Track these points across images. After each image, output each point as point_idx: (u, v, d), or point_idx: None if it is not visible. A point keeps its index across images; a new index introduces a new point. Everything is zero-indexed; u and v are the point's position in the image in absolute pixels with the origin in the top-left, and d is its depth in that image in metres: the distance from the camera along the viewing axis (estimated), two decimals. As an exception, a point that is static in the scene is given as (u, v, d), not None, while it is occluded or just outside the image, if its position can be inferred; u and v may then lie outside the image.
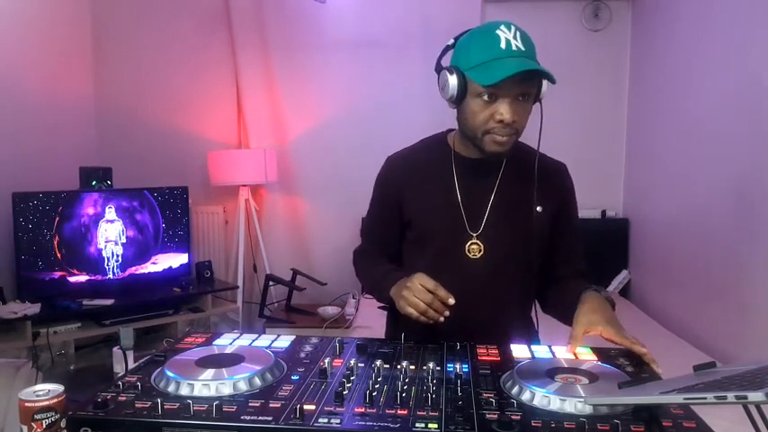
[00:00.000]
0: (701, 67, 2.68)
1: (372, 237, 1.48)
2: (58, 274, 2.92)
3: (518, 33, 1.15)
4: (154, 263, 3.25)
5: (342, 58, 3.61)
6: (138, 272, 3.20)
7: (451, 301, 1.14)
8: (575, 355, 1.08)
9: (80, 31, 3.30)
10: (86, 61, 3.34)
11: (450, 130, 1.40)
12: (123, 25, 3.41)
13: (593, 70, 3.55)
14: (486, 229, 1.30)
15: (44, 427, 0.79)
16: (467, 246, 1.29)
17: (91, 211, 3.02)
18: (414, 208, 1.34)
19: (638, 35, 3.47)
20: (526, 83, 1.15)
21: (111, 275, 3.10)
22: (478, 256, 1.29)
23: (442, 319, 1.14)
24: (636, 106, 3.50)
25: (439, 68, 1.25)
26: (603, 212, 3.61)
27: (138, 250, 3.19)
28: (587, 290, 1.22)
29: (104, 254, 3.08)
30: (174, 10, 3.54)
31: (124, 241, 3.14)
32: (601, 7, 3.54)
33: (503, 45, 1.13)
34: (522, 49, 1.14)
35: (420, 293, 1.14)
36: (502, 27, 1.15)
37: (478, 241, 1.29)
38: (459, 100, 1.21)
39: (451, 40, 1.25)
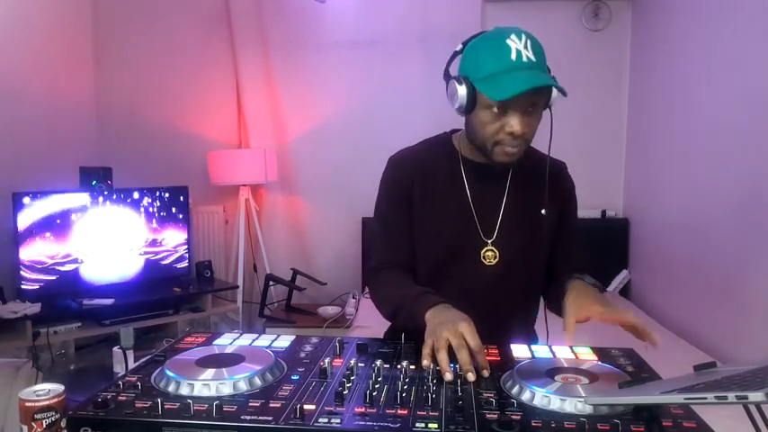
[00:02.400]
0: (701, 67, 2.68)
1: (391, 242, 1.33)
2: (58, 274, 2.92)
3: (529, 42, 1.11)
4: (154, 262, 3.25)
5: (341, 58, 3.61)
6: (138, 271, 3.20)
7: (471, 377, 0.95)
8: (575, 355, 1.08)
9: (81, 31, 3.30)
10: (87, 61, 3.34)
11: (454, 131, 1.37)
12: (124, 25, 3.41)
13: (593, 70, 3.55)
14: (500, 235, 1.28)
15: (44, 426, 0.79)
16: (482, 253, 1.28)
17: (91, 210, 3.02)
18: (424, 209, 1.30)
19: (638, 35, 3.47)
20: (537, 95, 1.14)
21: (111, 275, 3.10)
22: (494, 263, 1.28)
23: (450, 377, 0.95)
24: (636, 106, 3.50)
25: (447, 76, 1.22)
26: (603, 212, 3.61)
27: (138, 250, 3.19)
28: (571, 279, 1.21)
29: (104, 254, 3.07)
30: (174, 10, 3.54)
31: (124, 241, 3.14)
32: (601, 7, 3.54)
33: (513, 56, 1.10)
34: (533, 59, 1.11)
35: (456, 342, 0.99)
36: (512, 36, 1.11)
37: (493, 248, 1.28)
38: (468, 110, 1.18)
39: (460, 46, 1.21)
